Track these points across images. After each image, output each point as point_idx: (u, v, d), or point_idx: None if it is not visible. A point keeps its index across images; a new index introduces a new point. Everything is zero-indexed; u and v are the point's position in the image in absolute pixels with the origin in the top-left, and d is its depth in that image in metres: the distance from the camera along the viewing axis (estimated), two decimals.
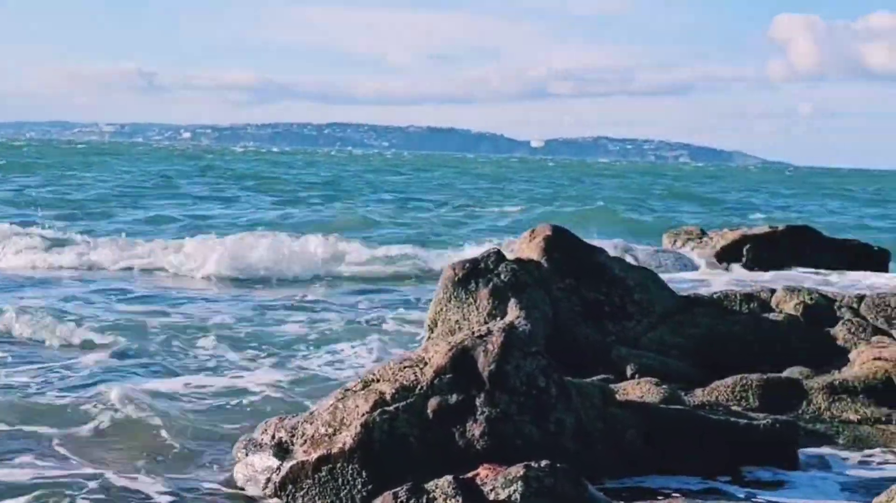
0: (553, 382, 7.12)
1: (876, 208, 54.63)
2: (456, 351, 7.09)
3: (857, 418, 8.77)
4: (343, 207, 40.10)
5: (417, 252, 23.09)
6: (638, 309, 10.64)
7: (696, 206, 50.15)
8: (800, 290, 11.32)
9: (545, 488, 5.00)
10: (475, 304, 9.97)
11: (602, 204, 44.91)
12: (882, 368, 9.15)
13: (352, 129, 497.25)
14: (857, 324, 10.65)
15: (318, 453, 6.96)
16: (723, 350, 10.39)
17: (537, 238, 10.77)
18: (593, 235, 20.47)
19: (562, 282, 10.50)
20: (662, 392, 8.51)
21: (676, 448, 7.51)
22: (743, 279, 19.33)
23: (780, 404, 8.95)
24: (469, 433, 6.91)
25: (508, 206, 43.44)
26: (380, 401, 7.05)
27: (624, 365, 9.81)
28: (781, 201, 59.41)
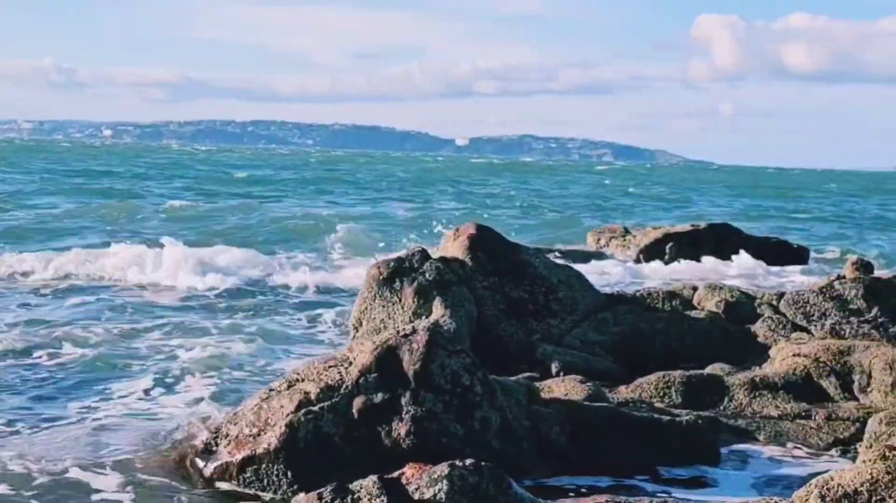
0: (478, 380, 7.13)
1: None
2: (381, 350, 7.08)
3: (778, 414, 8.88)
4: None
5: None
6: (562, 307, 10.70)
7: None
8: (721, 288, 11.46)
9: (469, 486, 5.00)
10: (400, 303, 9.96)
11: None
12: (801, 364, 9.28)
13: (276, 127, 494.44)
14: (777, 321, 10.79)
15: (242, 454, 6.91)
16: (646, 347, 10.48)
17: (461, 237, 10.79)
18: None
19: (486, 281, 10.52)
20: (587, 389, 8.56)
21: (601, 445, 7.55)
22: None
23: (703, 400, 9.04)
24: (395, 432, 6.90)
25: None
26: (304, 401, 7.01)
27: (548, 362, 9.86)
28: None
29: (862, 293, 11.08)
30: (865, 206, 58.78)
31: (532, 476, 7.10)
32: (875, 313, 10.91)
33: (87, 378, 10.33)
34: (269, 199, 42.03)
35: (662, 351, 10.45)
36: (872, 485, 5.02)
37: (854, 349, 9.33)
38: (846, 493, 5.03)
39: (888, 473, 5.03)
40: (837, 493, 5.05)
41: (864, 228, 38.93)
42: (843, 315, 10.87)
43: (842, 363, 9.21)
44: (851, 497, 5.02)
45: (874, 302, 11.02)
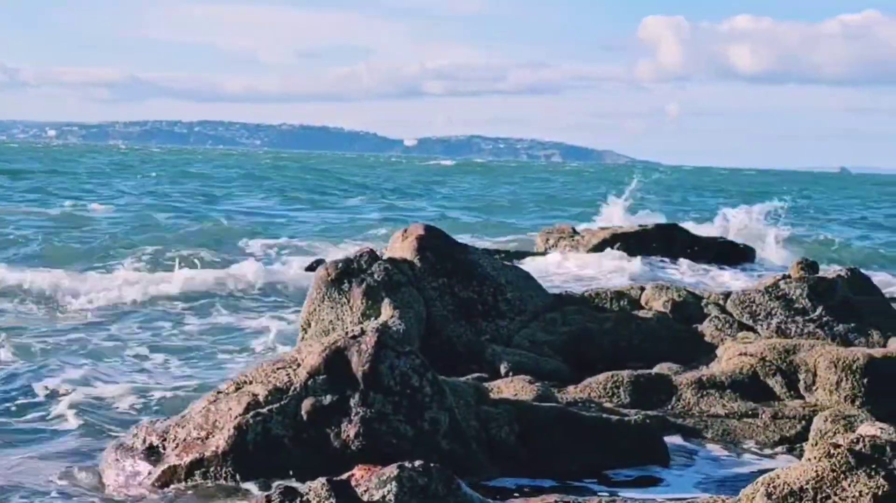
0: (427, 381, 7.13)
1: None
2: (329, 351, 7.06)
3: (725, 412, 8.94)
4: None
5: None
6: (510, 307, 10.72)
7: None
8: (668, 288, 11.53)
9: (418, 488, 5.00)
10: (349, 304, 9.93)
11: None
12: (748, 363, 9.35)
13: (223, 128, 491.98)
14: (724, 320, 10.88)
15: (190, 457, 6.87)
16: (594, 347, 10.53)
17: (410, 237, 10.78)
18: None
19: (435, 282, 10.52)
20: (535, 389, 8.58)
21: (550, 445, 7.57)
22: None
23: (651, 400, 9.09)
24: (344, 433, 6.89)
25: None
26: (253, 403, 6.99)
27: (497, 363, 9.87)
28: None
29: (807, 292, 11.18)
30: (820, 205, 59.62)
31: (481, 476, 7.10)
32: (820, 312, 11.03)
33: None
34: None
35: (611, 351, 10.49)
36: (818, 483, 5.07)
37: (799, 348, 9.42)
38: (792, 491, 5.08)
39: (833, 471, 5.09)
40: (783, 491, 5.09)
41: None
42: (788, 314, 10.97)
43: (787, 362, 9.29)
44: (797, 494, 5.07)
45: (819, 301, 11.13)
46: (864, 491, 4.99)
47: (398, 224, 24.84)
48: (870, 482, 5.02)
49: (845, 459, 5.10)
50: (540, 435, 7.59)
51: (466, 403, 7.58)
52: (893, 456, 5.13)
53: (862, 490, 4.99)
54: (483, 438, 7.43)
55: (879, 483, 5.01)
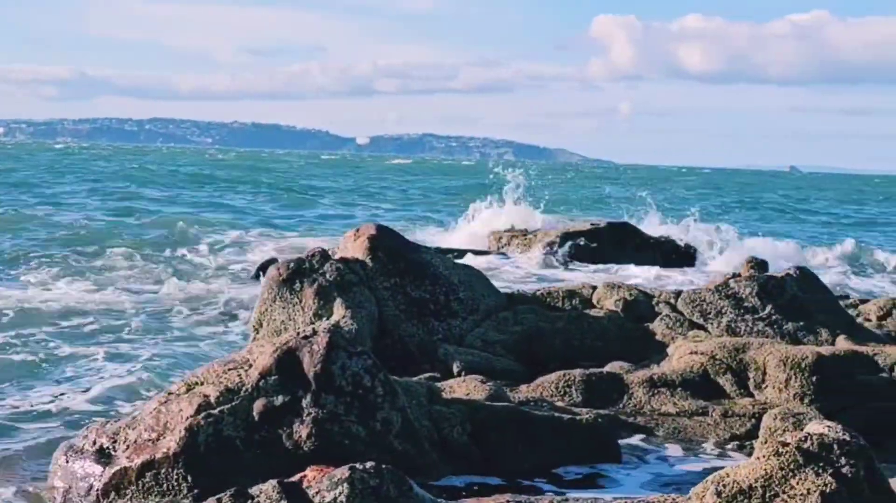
0: (379, 381, 7.12)
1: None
2: (281, 352, 7.04)
3: (676, 411, 9.00)
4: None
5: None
6: (463, 307, 10.74)
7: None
8: (620, 287, 11.59)
9: (370, 489, 4.99)
10: (301, 304, 9.91)
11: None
12: (698, 362, 9.42)
13: (174, 125, 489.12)
14: (675, 319, 10.95)
15: (141, 459, 6.82)
16: (546, 346, 10.57)
17: (362, 237, 10.77)
18: None
19: (387, 281, 10.52)
20: (488, 389, 8.60)
21: (502, 444, 7.59)
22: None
23: (603, 399, 9.14)
24: (296, 434, 6.87)
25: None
26: (204, 405, 6.94)
27: (450, 362, 9.89)
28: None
29: (756, 291, 11.28)
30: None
31: (434, 476, 7.11)
32: (769, 311, 11.13)
33: None
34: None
35: (563, 350, 10.54)
36: (766, 481, 5.11)
37: (749, 346, 9.50)
38: (741, 489, 5.12)
39: (781, 469, 5.13)
40: (733, 489, 5.13)
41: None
42: (738, 313, 11.06)
43: (737, 360, 9.37)
44: (746, 492, 5.11)
45: (768, 300, 11.23)
46: (812, 488, 5.04)
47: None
48: (817, 480, 5.07)
49: (793, 457, 5.15)
50: (492, 434, 7.60)
51: (419, 403, 7.58)
52: (841, 454, 5.19)
53: (810, 488, 5.04)
54: (435, 438, 7.43)
55: (827, 481, 5.06)
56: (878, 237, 37.26)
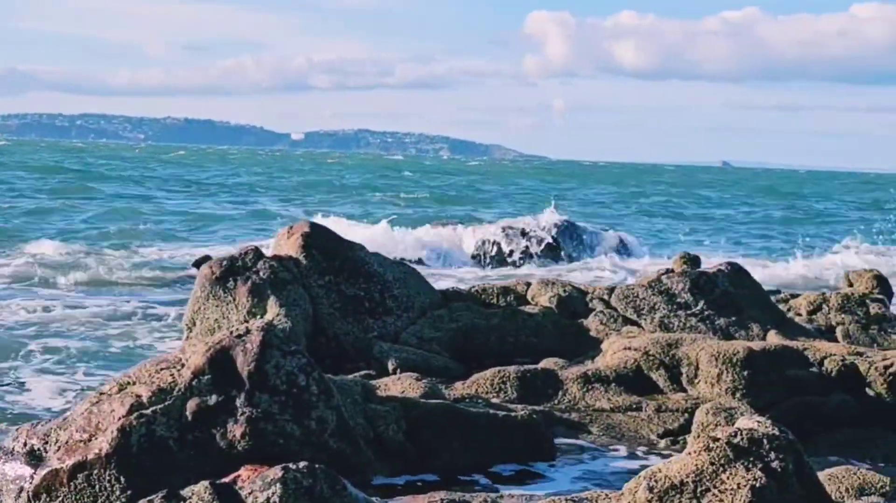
0: (313, 380, 7.10)
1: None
2: (214, 351, 6.99)
3: (610, 406, 9.06)
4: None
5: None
6: (398, 304, 10.73)
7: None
8: (554, 283, 11.64)
9: (303, 489, 4.98)
10: (234, 303, 9.85)
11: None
12: (632, 358, 9.49)
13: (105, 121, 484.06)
14: (609, 314, 11.02)
15: (73, 460, 6.74)
16: (482, 343, 10.59)
17: (295, 235, 10.73)
18: None
19: (321, 279, 10.49)
20: (423, 386, 8.60)
21: (438, 441, 7.60)
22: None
23: (537, 395, 9.18)
24: (230, 434, 6.82)
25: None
26: (136, 405, 6.88)
27: (385, 360, 9.88)
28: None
29: (688, 287, 11.39)
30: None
31: (370, 475, 7.11)
32: (701, 306, 11.24)
33: None
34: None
35: (498, 346, 10.57)
36: (698, 476, 5.16)
37: (682, 342, 9.58)
38: (673, 485, 5.16)
39: (712, 464, 5.18)
40: (665, 485, 5.17)
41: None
42: (671, 308, 11.15)
43: (670, 356, 9.44)
44: (678, 487, 5.16)
45: (700, 295, 11.34)
46: (742, 483, 5.10)
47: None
48: (747, 475, 5.12)
49: (724, 452, 5.21)
50: (427, 432, 7.60)
51: (353, 401, 7.57)
52: (770, 448, 5.25)
53: (740, 482, 5.10)
54: (371, 436, 7.42)
55: (757, 475, 5.12)
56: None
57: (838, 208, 57.60)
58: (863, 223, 38.62)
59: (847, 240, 29.58)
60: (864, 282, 13.99)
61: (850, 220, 44.24)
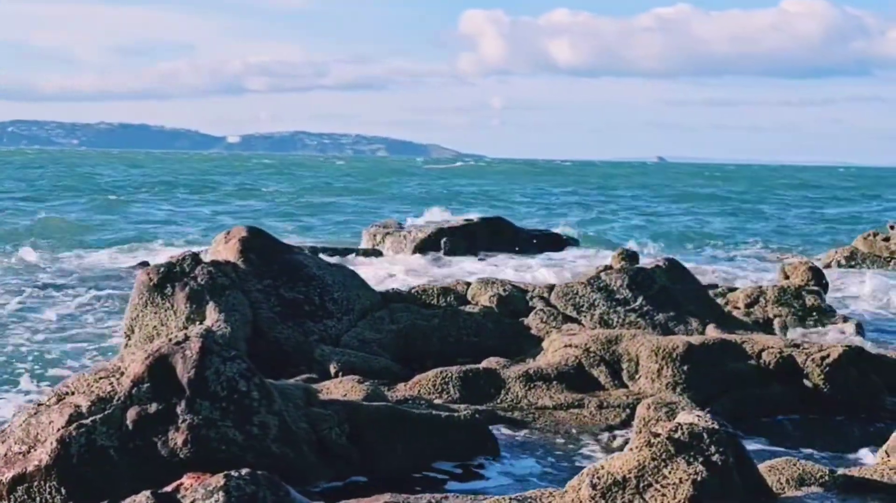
0: (254, 385, 7.06)
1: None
2: (153, 359, 6.93)
3: (552, 404, 9.10)
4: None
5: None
6: (338, 307, 10.71)
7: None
8: (494, 283, 11.67)
9: (246, 496, 4.95)
10: (173, 309, 9.77)
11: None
12: (573, 355, 9.53)
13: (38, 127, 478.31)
14: (549, 312, 11.07)
15: (12, 472, 6.66)
16: (423, 344, 10.60)
17: (233, 239, 10.67)
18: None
19: (260, 283, 10.44)
20: (365, 389, 8.58)
21: (381, 444, 7.58)
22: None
23: (480, 394, 9.19)
24: (172, 442, 6.77)
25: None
26: (75, 415, 6.81)
27: (327, 363, 9.85)
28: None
29: (627, 283, 11.46)
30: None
31: (313, 479, 7.08)
32: (640, 302, 11.32)
33: None
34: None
35: (439, 347, 10.58)
36: (640, 471, 5.20)
37: (621, 338, 9.64)
38: (616, 481, 5.19)
39: (654, 459, 5.22)
40: (607, 481, 5.20)
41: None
42: (610, 305, 11.22)
43: (611, 352, 9.50)
44: (620, 484, 5.19)
45: (639, 291, 11.42)
46: (684, 477, 5.14)
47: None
48: (689, 469, 5.17)
49: (665, 448, 5.25)
50: (370, 434, 7.59)
51: (296, 405, 7.54)
52: (711, 442, 5.30)
53: (682, 477, 5.14)
54: (314, 440, 7.39)
55: (698, 469, 5.17)
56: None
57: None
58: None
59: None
60: (799, 274, 14.17)
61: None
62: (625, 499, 5.15)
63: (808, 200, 59.42)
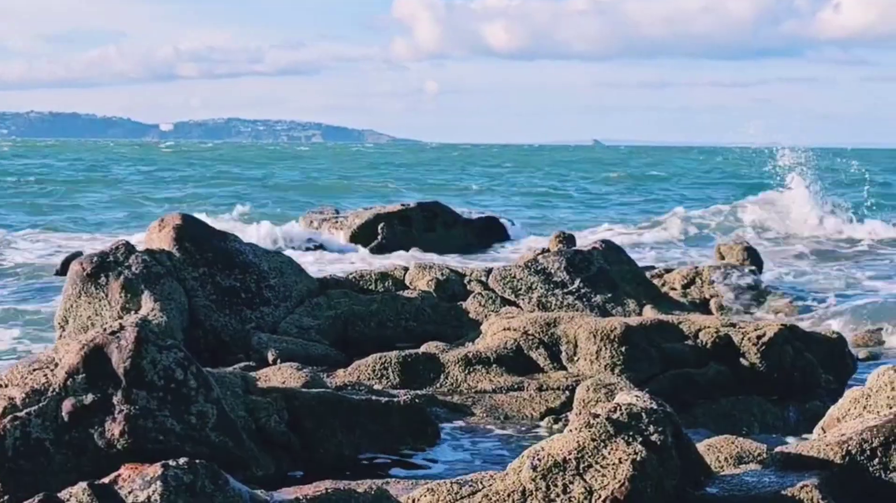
0: (192, 374, 6.99)
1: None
2: (88, 349, 6.84)
3: (492, 387, 9.10)
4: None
5: None
6: (275, 294, 10.65)
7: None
8: (431, 267, 11.66)
9: (184, 486, 4.89)
10: (107, 299, 9.67)
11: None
12: (512, 338, 9.54)
13: None
14: (487, 296, 11.08)
15: None
16: (361, 329, 10.57)
17: (167, 227, 10.57)
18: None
19: (196, 271, 10.35)
20: (304, 376, 8.55)
21: (321, 430, 7.56)
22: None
23: (419, 379, 9.19)
24: (108, 433, 6.70)
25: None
26: (10, 407, 6.72)
27: (265, 351, 9.79)
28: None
29: (564, 265, 11.50)
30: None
31: (253, 467, 7.03)
32: (578, 284, 11.36)
33: None
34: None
35: (378, 332, 10.56)
36: (580, 453, 5.21)
37: (560, 320, 9.66)
38: (556, 463, 5.21)
39: (593, 440, 5.24)
40: (548, 463, 5.22)
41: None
42: (548, 287, 11.26)
43: (549, 334, 9.51)
44: (561, 465, 5.20)
45: (576, 273, 11.46)
46: (623, 457, 5.16)
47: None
48: (628, 449, 5.19)
49: (604, 428, 5.26)
50: (310, 421, 7.56)
51: (234, 394, 7.49)
52: (649, 422, 5.33)
53: (621, 457, 5.16)
54: (253, 428, 7.36)
55: (637, 449, 5.19)
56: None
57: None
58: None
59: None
60: (734, 253, 14.31)
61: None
62: (565, 480, 5.17)
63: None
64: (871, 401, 6.08)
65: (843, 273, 18.83)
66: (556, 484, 5.17)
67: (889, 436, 5.58)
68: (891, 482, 5.53)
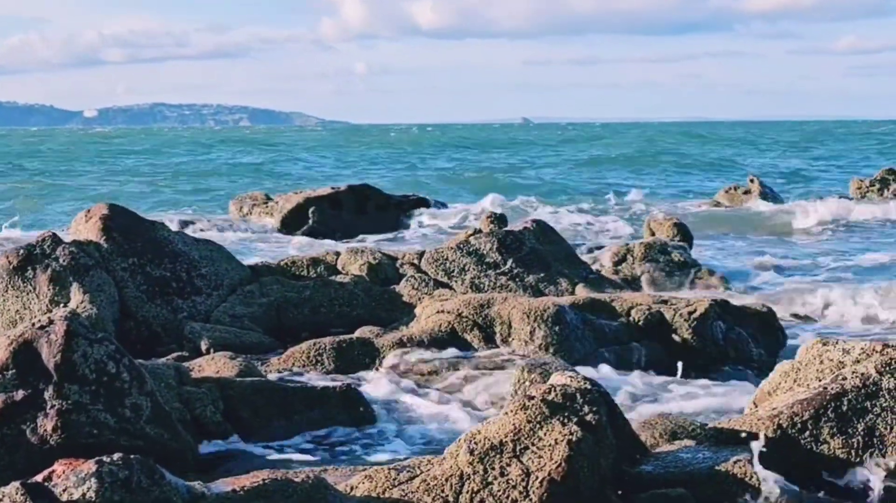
0: (124, 367, 6.93)
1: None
2: (16, 344, 6.75)
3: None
4: None
5: None
6: (206, 282, 10.57)
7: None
8: (363, 251, 11.64)
9: (120, 482, 4.85)
10: (35, 292, 9.54)
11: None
12: (445, 320, 9.55)
13: None
14: (420, 279, 11.09)
15: None
16: (295, 316, 10.54)
17: (94, 218, 10.45)
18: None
19: (125, 262, 10.25)
20: (238, 365, 8.50)
21: (257, 419, 7.54)
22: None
23: (355, 364, 9.17)
24: (41, 429, 6.62)
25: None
26: None
27: (198, 341, 9.73)
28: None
29: (496, 246, 11.53)
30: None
31: (190, 459, 6.99)
32: (510, 265, 11.40)
33: None
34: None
35: (311, 318, 10.53)
36: (516, 435, 5.24)
37: (493, 301, 9.69)
38: (493, 445, 5.23)
39: (529, 422, 5.27)
40: (485, 446, 5.24)
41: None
42: (481, 269, 11.28)
43: (483, 316, 9.54)
44: (498, 448, 5.23)
45: (508, 254, 11.50)
46: (559, 438, 5.20)
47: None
48: (563, 429, 5.23)
49: (540, 410, 5.30)
50: (245, 410, 7.54)
51: (168, 385, 7.45)
52: (584, 402, 5.37)
53: (557, 438, 5.20)
54: (188, 419, 7.32)
55: (573, 429, 5.23)
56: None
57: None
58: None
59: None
60: (664, 229, 14.43)
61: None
62: (502, 462, 5.19)
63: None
64: (800, 375, 6.17)
65: (772, 248, 19.10)
66: (494, 467, 5.20)
67: (819, 408, 5.68)
68: (821, 454, 5.63)
